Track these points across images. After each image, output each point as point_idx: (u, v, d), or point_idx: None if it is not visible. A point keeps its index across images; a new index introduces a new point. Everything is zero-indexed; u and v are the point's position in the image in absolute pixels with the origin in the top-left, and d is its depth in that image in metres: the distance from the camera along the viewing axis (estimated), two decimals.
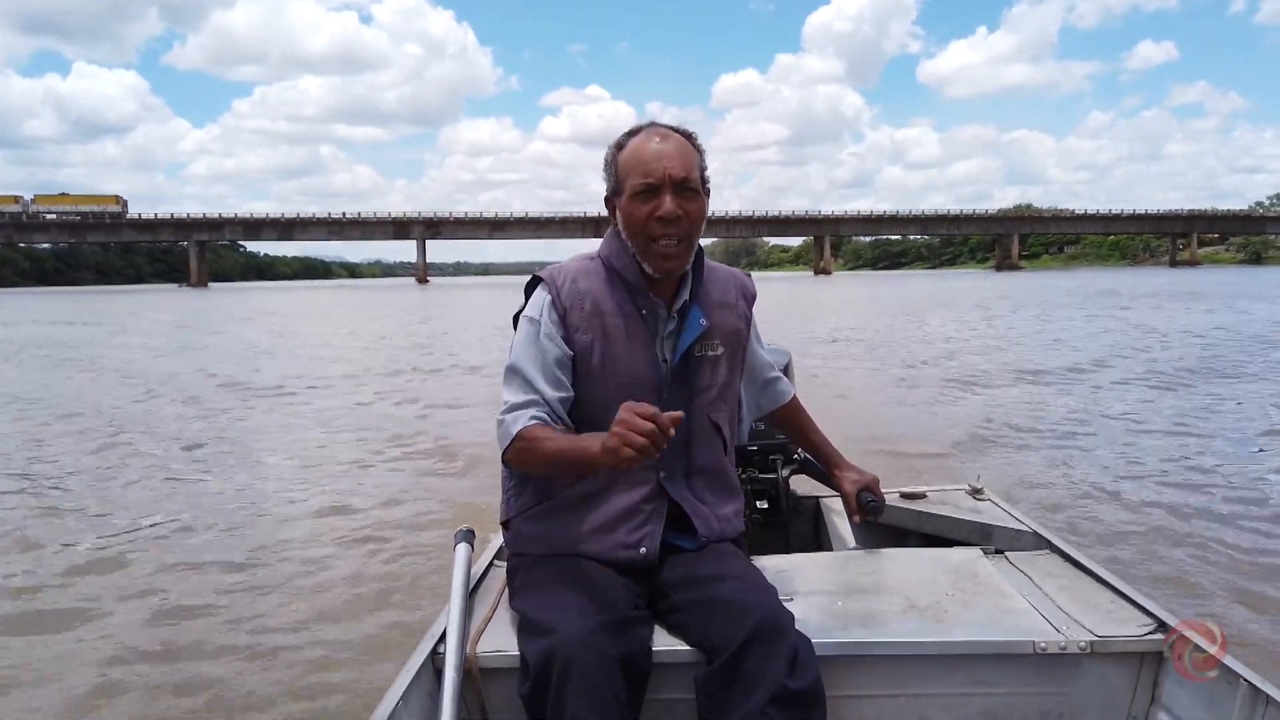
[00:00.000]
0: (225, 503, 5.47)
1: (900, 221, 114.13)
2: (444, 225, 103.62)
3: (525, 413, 1.62)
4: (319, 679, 2.99)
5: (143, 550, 4.47)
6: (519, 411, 1.62)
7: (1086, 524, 4.55)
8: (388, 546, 4.43)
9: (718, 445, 1.79)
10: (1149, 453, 6.27)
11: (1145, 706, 1.58)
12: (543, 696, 1.40)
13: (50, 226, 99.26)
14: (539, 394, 1.64)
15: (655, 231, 1.63)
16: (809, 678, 1.42)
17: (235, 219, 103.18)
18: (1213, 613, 3.30)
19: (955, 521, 2.23)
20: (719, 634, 1.47)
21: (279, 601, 3.74)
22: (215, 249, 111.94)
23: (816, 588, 1.77)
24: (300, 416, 8.93)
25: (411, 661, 1.56)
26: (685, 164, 1.65)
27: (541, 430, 1.60)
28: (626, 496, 1.68)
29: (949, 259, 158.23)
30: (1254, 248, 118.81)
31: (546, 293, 1.71)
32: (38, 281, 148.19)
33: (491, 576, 1.91)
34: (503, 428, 1.63)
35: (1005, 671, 1.56)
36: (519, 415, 1.62)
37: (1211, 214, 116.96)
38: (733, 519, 1.80)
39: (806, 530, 2.53)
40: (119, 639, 3.38)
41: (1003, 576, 1.83)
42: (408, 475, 6.14)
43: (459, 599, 1.65)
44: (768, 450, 2.45)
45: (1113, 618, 1.63)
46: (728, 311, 1.79)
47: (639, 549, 1.66)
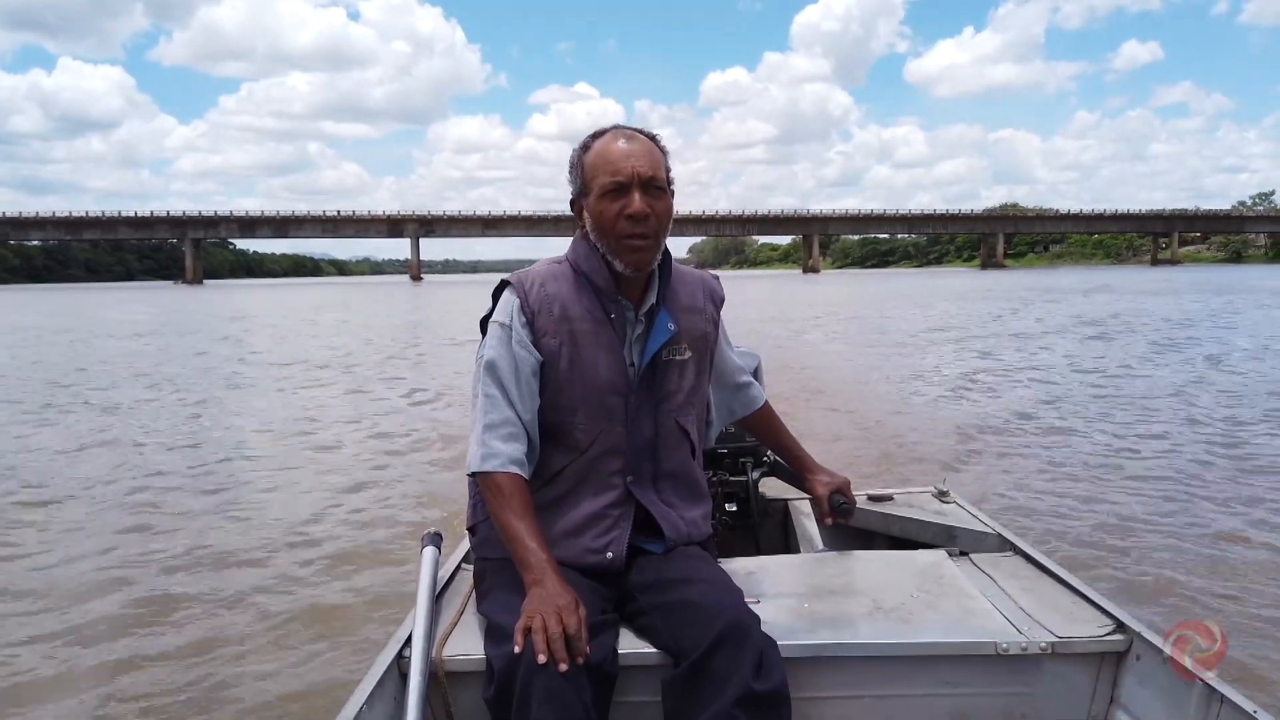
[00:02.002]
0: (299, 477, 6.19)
1: (888, 221, 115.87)
2: (438, 223, 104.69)
3: (500, 448, 1.61)
4: (283, 685, 2.95)
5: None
6: (495, 439, 1.62)
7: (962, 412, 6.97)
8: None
9: (685, 449, 1.79)
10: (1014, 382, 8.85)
11: (1105, 705, 1.61)
12: (508, 701, 1.40)
13: (46, 224, 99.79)
14: (514, 410, 1.64)
15: (625, 230, 1.63)
16: (775, 680, 1.43)
17: (231, 217, 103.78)
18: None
19: (921, 524, 2.27)
20: (686, 637, 1.48)
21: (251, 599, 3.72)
22: (205, 246, 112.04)
23: (784, 590, 1.78)
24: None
25: (376, 665, 1.55)
26: (652, 162, 1.65)
27: (510, 488, 1.59)
28: (594, 501, 1.69)
29: (936, 257, 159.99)
30: (1234, 246, 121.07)
31: (515, 296, 1.71)
32: (28, 278, 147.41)
33: (459, 580, 1.90)
34: (480, 451, 1.62)
35: (969, 672, 1.58)
36: (493, 447, 1.61)
37: (1193, 214, 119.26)
38: (700, 522, 1.80)
39: (775, 532, 2.54)
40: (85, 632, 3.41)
41: (967, 578, 1.85)
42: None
43: (425, 602, 1.65)
44: (738, 453, 2.47)
45: (1074, 618, 1.65)
46: (696, 316, 1.80)
47: (606, 554, 1.66)
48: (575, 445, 1.70)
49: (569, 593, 1.48)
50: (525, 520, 1.57)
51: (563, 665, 1.38)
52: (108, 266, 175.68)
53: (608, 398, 1.68)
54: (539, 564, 1.52)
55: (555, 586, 1.49)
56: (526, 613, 1.44)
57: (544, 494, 1.70)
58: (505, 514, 1.58)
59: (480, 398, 1.67)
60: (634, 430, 1.71)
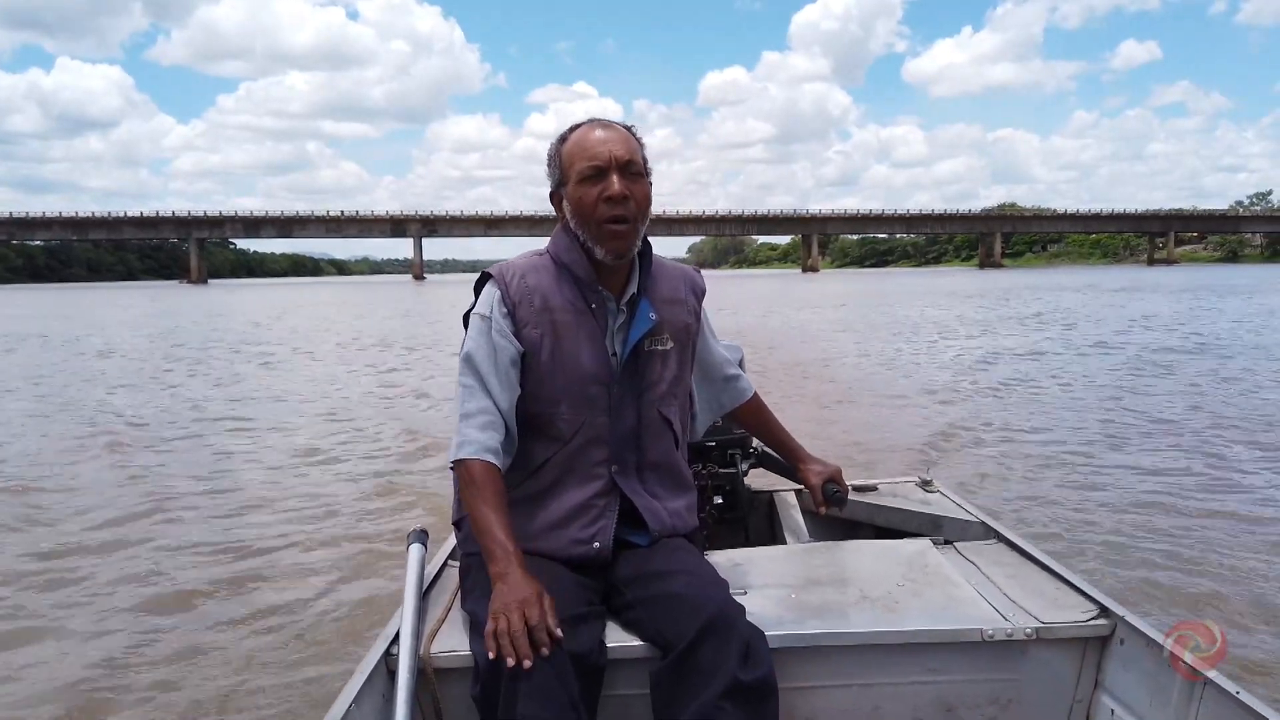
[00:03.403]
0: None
1: (886, 220, 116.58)
2: (440, 223, 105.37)
3: (475, 436, 1.61)
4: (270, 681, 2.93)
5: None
6: (470, 428, 1.62)
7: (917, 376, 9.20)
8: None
9: (668, 439, 1.79)
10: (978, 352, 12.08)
11: (1090, 690, 1.62)
12: (494, 696, 1.40)
13: (53, 223, 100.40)
14: (491, 399, 1.64)
15: (605, 213, 1.64)
16: (761, 670, 1.44)
17: (236, 217, 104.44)
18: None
19: (906, 513, 2.30)
20: (672, 629, 1.49)
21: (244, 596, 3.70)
22: (207, 246, 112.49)
23: (771, 581, 1.79)
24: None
25: (364, 663, 1.55)
26: (629, 148, 1.67)
27: (483, 477, 1.58)
28: (579, 493, 1.69)
29: (935, 257, 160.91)
30: (1230, 246, 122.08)
31: (496, 288, 1.71)
32: (30, 278, 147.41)
33: (445, 577, 1.90)
34: (456, 439, 1.63)
35: (955, 659, 1.59)
36: (468, 435, 1.62)
37: (1188, 214, 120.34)
38: (685, 514, 1.80)
39: (763, 524, 2.56)
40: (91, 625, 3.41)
41: (952, 566, 1.87)
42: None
43: (412, 599, 1.65)
44: (726, 445, 2.47)
45: (1058, 605, 1.67)
46: (677, 307, 1.81)
47: (592, 544, 1.67)
48: (559, 436, 1.70)
49: (532, 584, 1.47)
50: (496, 511, 1.57)
51: (527, 662, 1.37)
52: (109, 266, 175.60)
53: (590, 387, 1.69)
54: (504, 556, 1.51)
55: (518, 579, 1.47)
56: (491, 613, 1.44)
57: (528, 486, 1.71)
58: (476, 502, 1.58)
59: (459, 389, 1.68)
60: (617, 420, 1.72)
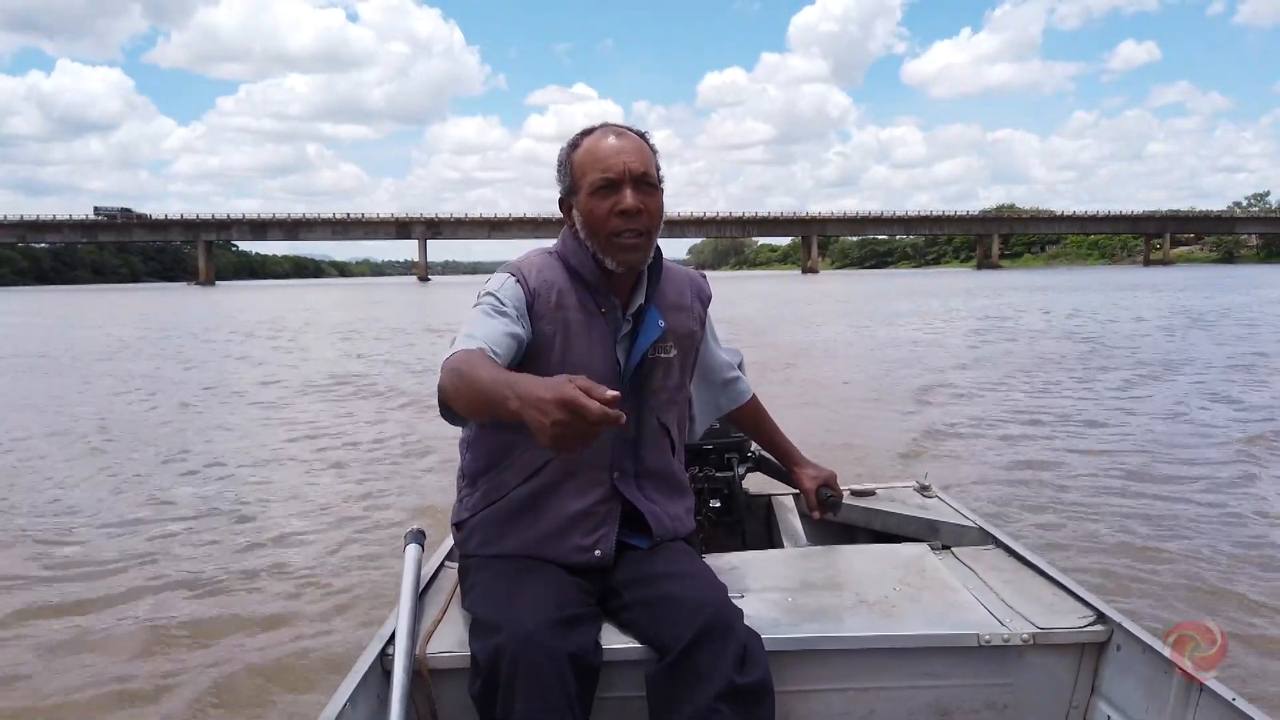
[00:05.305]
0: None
1: (885, 222, 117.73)
2: (444, 225, 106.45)
3: (464, 345, 1.49)
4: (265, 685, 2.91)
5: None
6: (457, 348, 1.48)
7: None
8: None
9: (665, 447, 1.79)
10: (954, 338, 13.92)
11: (1086, 695, 1.62)
12: (492, 694, 1.40)
13: (63, 226, 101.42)
14: (485, 345, 1.50)
15: (618, 226, 1.62)
16: (758, 673, 1.44)
17: (243, 219, 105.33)
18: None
19: (903, 518, 2.29)
20: (669, 631, 1.49)
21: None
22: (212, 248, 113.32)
23: (768, 584, 1.79)
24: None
25: (359, 663, 1.54)
26: (643, 159, 1.64)
27: (476, 354, 1.44)
28: (581, 499, 1.68)
29: (934, 258, 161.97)
30: (1226, 246, 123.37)
31: (515, 279, 1.67)
32: (36, 280, 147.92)
33: (442, 577, 1.90)
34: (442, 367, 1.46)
35: (951, 664, 1.59)
36: (456, 349, 1.48)
37: (1185, 215, 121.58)
38: (683, 517, 1.81)
39: (760, 528, 2.57)
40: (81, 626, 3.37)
41: (949, 571, 1.87)
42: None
43: (408, 600, 1.64)
44: (723, 449, 2.46)
45: (1054, 610, 1.67)
46: (683, 314, 1.80)
47: (595, 551, 1.66)
48: None
49: (550, 378, 1.23)
50: (492, 369, 1.39)
51: (611, 412, 1.17)
52: (114, 268, 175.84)
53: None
54: (511, 381, 1.29)
55: (534, 379, 1.26)
56: (536, 420, 1.19)
57: (527, 488, 1.68)
58: (473, 372, 1.38)
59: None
60: (619, 427, 1.57)
